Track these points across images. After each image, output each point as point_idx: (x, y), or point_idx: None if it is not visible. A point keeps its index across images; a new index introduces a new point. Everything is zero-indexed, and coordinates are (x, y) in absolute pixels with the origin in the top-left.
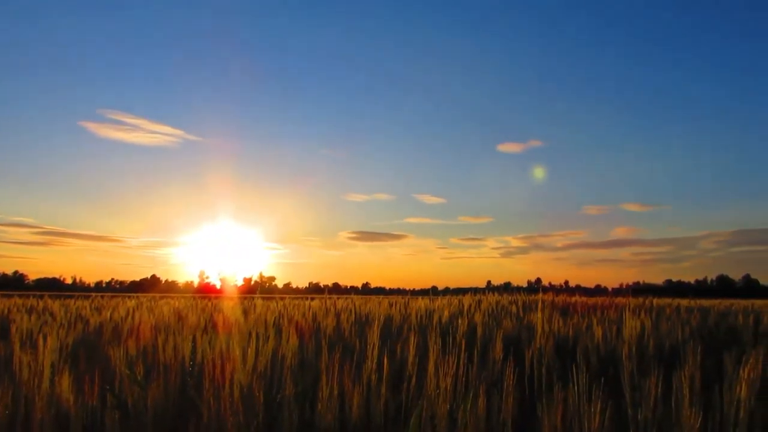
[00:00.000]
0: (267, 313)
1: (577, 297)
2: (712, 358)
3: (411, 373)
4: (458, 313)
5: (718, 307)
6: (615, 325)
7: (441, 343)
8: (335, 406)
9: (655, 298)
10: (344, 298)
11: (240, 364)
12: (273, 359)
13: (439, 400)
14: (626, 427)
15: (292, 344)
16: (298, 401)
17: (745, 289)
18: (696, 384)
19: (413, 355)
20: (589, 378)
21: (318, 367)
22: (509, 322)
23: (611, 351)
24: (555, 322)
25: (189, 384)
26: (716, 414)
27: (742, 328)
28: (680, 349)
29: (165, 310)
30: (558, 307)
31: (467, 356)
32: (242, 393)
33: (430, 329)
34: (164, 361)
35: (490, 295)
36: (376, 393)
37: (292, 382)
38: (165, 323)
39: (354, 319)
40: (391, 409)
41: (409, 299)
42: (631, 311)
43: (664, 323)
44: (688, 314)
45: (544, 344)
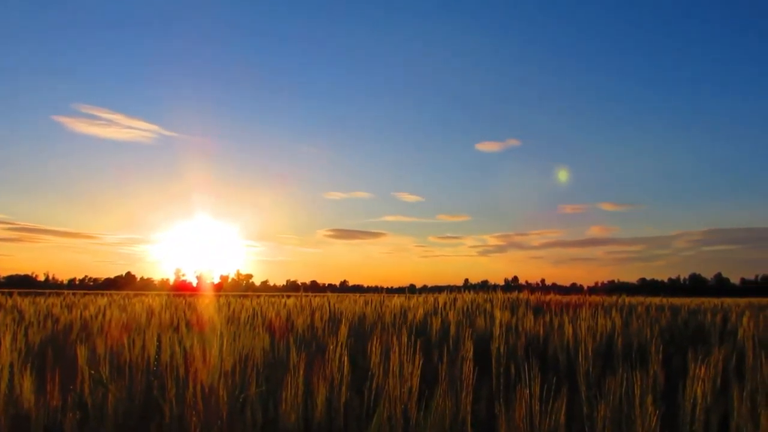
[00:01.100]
0: (241, 311)
1: (551, 295)
2: (678, 357)
3: (375, 373)
4: (432, 311)
5: (689, 306)
6: (586, 324)
7: (414, 341)
8: (299, 405)
9: (628, 297)
10: (320, 296)
11: (202, 363)
12: (240, 358)
13: (400, 400)
14: (582, 425)
15: (259, 343)
16: (262, 401)
17: (717, 288)
18: (659, 382)
19: (378, 355)
20: (558, 376)
21: (286, 366)
22: (482, 321)
23: (584, 350)
24: (527, 320)
25: (153, 384)
26: (676, 412)
27: (710, 327)
28: (648, 347)
29: (137, 308)
30: (532, 305)
31: (438, 355)
32: (204, 393)
33: (403, 328)
34: (130, 361)
35: (466, 293)
36: (338, 393)
37: (257, 381)
38: (136, 321)
39: (328, 317)
40: (355, 409)
41: (384, 297)
42: (603, 310)
43: (635, 322)
44: (659, 313)
45: (514, 343)
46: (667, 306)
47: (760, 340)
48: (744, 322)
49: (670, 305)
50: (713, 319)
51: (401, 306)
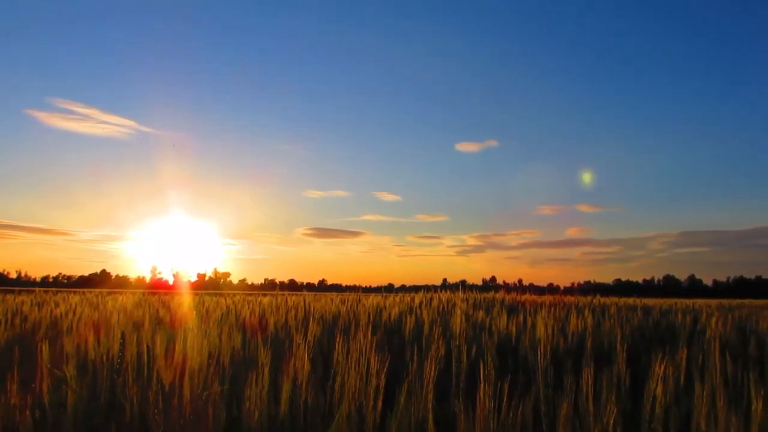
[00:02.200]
0: (215, 310)
1: (527, 295)
2: (647, 356)
3: (337, 372)
4: (408, 310)
5: (661, 306)
6: (559, 324)
7: (389, 340)
8: (264, 404)
9: (602, 297)
10: (297, 295)
11: (164, 361)
12: (207, 356)
13: (365, 399)
14: (540, 424)
15: (230, 341)
16: (225, 399)
17: (690, 289)
18: (623, 381)
19: (344, 353)
20: (527, 375)
21: (254, 365)
22: (456, 320)
23: (553, 349)
24: (501, 320)
25: (117, 382)
26: (639, 410)
27: (680, 327)
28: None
29: (110, 306)
30: (506, 305)
31: (410, 354)
32: (164, 391)
33: (376, 327)
34: (95, 359)
35: (442, 293)
36: (300, 391)
37: (222, 380)
38: (107, 320)
39: (303, 316)
40: (319, 408)
41: (360, 297)
42: (577, 310)
43: (607, 322)
44: (631, 313)
45: (487, 342)
46: (639, 306)
47: (727, 340)
48: (712, 322)
49: (642, 306)
50: (683, 319)
51: (377, 305)
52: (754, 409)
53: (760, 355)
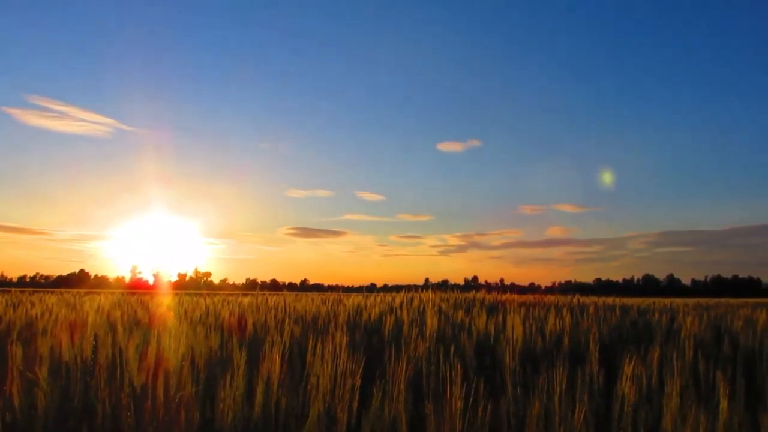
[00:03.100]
0: (194, 310)
1: (507, 295)
2: (622, 356)
3: (310, 373)
4: (388, 310)
5: (639, 306)
6: (537, 323)
7: (368, 340)
8: (237, 405)
9: (582, 297)
10: (278, 295)
11: (136, 362)
12: (183, 357)
13: (340, 399)
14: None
15: (207, 342)
16: (199, 401)
17: (669, 288)
18: (596, 380)
19: (316, 355)
20: (503, 376)
21: (231, 366)
22: (436, 320)
23: (531, 349)
24: (480, 320)
25: (90, 384)
26: (610, 410)
27: (656, 326)
28: (596, 346)
29: (87, 306)
30: (487, 304)
31: (388, 355)
32: (136, 394)
33: (359, 327)
34: (69, 361)
35: (423, 292)
36: (273, 393)
37: (197, 381)
38: (83, 321)
39: (283, 316)
40: (295, 409)
41: (341, 296)
42: (556, 309)
43: (585, 321)
44: (609, 312)
45: (465, 342)
46: (618, 306)
47: (702, 339)
48: (687, 322)
49: (621, 305)
50: (660, 318)
51: (357, 305)
52: (721, 407)
53: (733, 354)
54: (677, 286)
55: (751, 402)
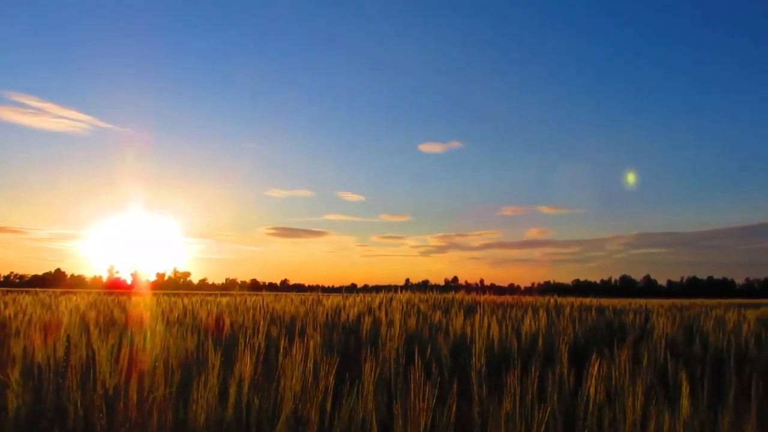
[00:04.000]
0: (173, 310)
1: (486, 296)
2: (594, 356)
3: (281, 375)
4: (366, 311)
5: (616, 306)
6: (514, 324)
7: (345, 341)
8: (211, 406)
9: (560, 297)
10: (256, 295)
11: (108, 363)
12: (155, 359)
13: (312, 400)
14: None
15: (183, 342)
16: (173, 402)
17: (645, 289)
18: (569, 381)
19: (285, 356)
20: (479, 376)
21: (205, 366)
22: (413, 320)
23: (506, 349)
24: (457, 320)
25: (62, 386)
26: (576, 409)
27: (630, 326)
28: (575, 345)
29: (63, 306)
30: (465, 305)
31: (365, 353)
32: (108, 394)
33: (337, 327)
34: (41, 362)
35: (403, 293)
36: (242, 394)
37: (170, 382)
38: (58, 321)
39: (261, 317)
40: (267, 410)
41: (321, 297)
42: (533, 310)
43: (561, 321)
44: (585, 313)
45: (442, 342)
46: (594, 307)
47: (674, 339)
48: (660, 322)
49: (597, 306)
50: (634, 319)
51: (336, 306)
52: (682, 406)
53: (703, 354)
54: (654, 286)
55: (715, 401)
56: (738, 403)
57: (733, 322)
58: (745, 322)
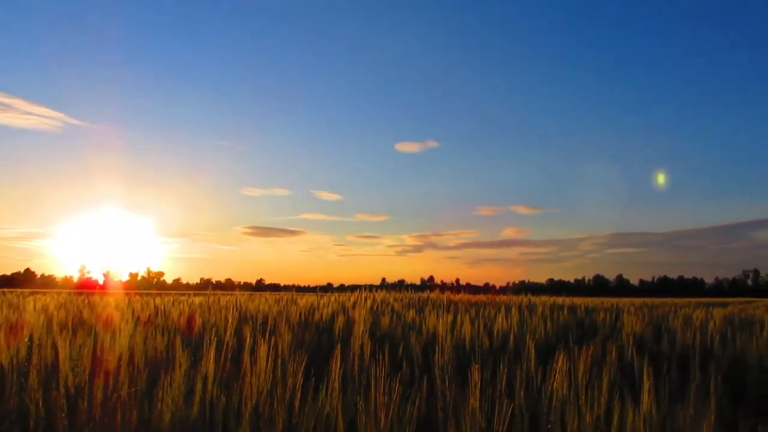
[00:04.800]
0: (144, 310)
1: (461, 295)
2: (558, 352)
3: (249, 372)
4: (340, 310)
5: (588, 305)
6: (486, 323)
7: (318, 339)
8: (176, 405)
9: (534, 296)
10: (230, 294)
11: (69, 363)
12: (119, 358)
13: (279, 399)
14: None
15: (150, 342)
16: (138, 400)
17: (618, 288)
18: (536, 378)
19: (251, 354)
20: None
21: (172, 365)
22: (387, 320)
23: (478, 348)
24: (430, 319)
25: (24, 386)
26: (539, 405)
27: (601, 325)
28: (549, 343)
29: (30, 307)
30: (440, 304)
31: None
32: (70, 394)
33: (309, 326)
34: (3, 363)
35: (378, 292)
36: (207, 392)
37: (133, 382)
38: (25, 321)
39: (235, 316)
40: (231, 408)
41: (295, 296)
42: (506, 309)
43: (533, 320)
44: (558, 311)
45: (414, 342)
46: (567, 306)
47: (642, 336)
48: (630, 320)
49: (570, 305)
50: (605, 317)
51: (310, 305)
52: (643, 401)
53: (671, 351)
54: (626, 286)
55: (677, 396)
56: (698, 399)
57: (700, 320)
58: (712, 320)
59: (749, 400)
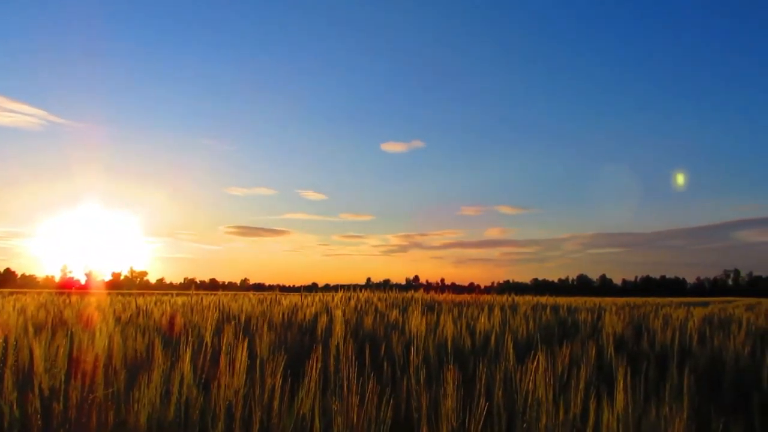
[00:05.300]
0: (126, 310)
1: (445, 294)
2: (533, 352)
3: (222, 374)
4: (323, 310)
5: (571, 305)
6: (469, 322)
7: (300, 341)
8: (153, 405)
9: (517, 296)
10: (213, 294)
11: (47, 364)
12: (95, 359)
13: (259, 400)
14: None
15: (131, 342)
16: (114, 402)
17: (601, 288)
18: (514, 377)
19: (227, 353)
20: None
21: (151, 366)
22: (370, 320)
23: (460, 348)
24: (413, 319)
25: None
26: (516, 404)
27: (582, 324)
28: (530, 342)
29: (9, 307)
30: (424, 304)
31: (319, 353)
32: (44, 395)
33: (292, 326)
34: None
35: (363, 292)
36: (182, 393)
37: (109, 383)
38: (4, 322)
39: (217, 316)
40: (205, 409)
41: (279, 296)
42: (489, 308)
43: (515, 320)
44: (541, 311)
45: (396, 342)
46: (549, 305)
47: (622, 336)
48: (611, 320)
49: (553, 304)
50: (586, 317)
51: (294, 305)
52: (617, 400)
53: (650, 350)
54: (609, 285)
55: (654, 395)
56: (672, 397)
57: (679, 320)
58: (691, 319)
59: (726, 398)
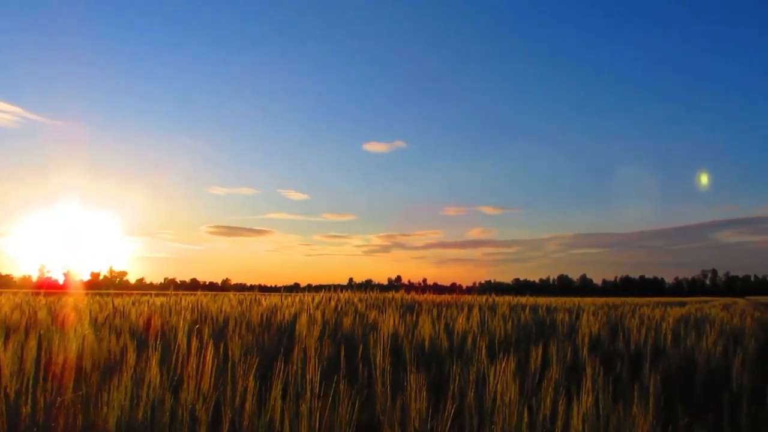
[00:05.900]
0: (103, 311)
1: (426, 295)
2: (518, 353)
3: (191, 375)
4: (303, 310)
5: (550, 305)
6: (448, 323)
7: (278, 341)
8: (123, 407)
9: (498, 296)
10: (193, 295)
11: (12, 366)
12: (64, 361)
13: (232, 403)
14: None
15: (105, 344)
16: (83, 404)
17: (582, 288)
18: (489, 378)
19: (195, 356)
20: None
21: (122, 368)
22: (349, 320)
23: (437, 348)
24: (391, 320)
25: None
26: (482, 404)
27: (560, 324)
28: (507, 342)
29: None
30: (404, 304)
31: (296, 353)
32: (10, 399)
33: (270, 327)
34: None
35: (344, 292)
36: (149, 395)
37: (78, 385)
38: None
39: (196, 317)
40: (174, 411)
41: (258, 296)
42: (468, 308)
43: (495, 320)
44: (521, 311)
45: (373, 342)
46: (529, 305)
47: (599, 335)
48: (588, 320)
49: (532, 304)
50: (564, 317)
51: (274, 305)
52: (583, 400)
53: (626, 349)
54: (589, 285)
55: (623, 394)
56: (641, 397)
57: (655, 320)
58: (666, 320)
59: (696, 398)
